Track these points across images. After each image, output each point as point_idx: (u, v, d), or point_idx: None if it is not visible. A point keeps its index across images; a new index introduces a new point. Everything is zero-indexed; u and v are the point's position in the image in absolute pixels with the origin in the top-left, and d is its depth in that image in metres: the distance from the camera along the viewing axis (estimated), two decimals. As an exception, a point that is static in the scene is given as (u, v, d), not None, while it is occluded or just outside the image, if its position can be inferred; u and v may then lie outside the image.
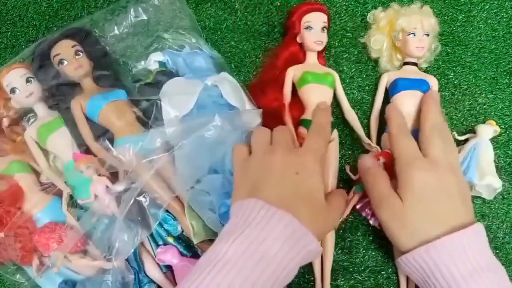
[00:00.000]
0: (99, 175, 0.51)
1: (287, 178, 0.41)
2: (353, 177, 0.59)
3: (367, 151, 0.60)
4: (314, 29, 0.61)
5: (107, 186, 0.50)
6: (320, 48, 0.62)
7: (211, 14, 0.66)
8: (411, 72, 0.62)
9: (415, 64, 0.63)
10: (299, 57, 0.63)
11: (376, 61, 0.66)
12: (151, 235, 0.55)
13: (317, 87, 0.60)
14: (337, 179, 0.59)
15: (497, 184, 0.59)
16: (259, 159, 0.44)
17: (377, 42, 0.64)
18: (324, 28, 0.62)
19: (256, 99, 0.61)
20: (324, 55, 0.66)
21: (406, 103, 0.60)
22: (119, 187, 0.50)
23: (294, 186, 0.41)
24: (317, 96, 0.60)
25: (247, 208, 0.38)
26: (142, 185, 0.50)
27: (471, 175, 0.58)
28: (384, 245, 0.59)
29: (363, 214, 0.57)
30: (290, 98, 0.61)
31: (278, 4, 0.67)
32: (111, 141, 0.54)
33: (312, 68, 0.62)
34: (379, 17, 0.65)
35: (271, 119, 0.58)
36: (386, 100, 0.63)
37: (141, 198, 0.51)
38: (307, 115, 0.60)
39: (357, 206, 0.57)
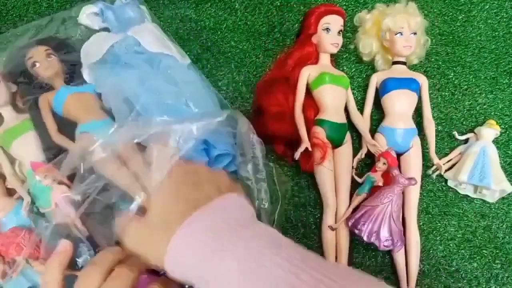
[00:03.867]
0: (60, 183, 0.49)
1: None
2: (359, 180, 0.60)
3: (370, 153, 0.61)
4: (331, 31, 0.61)
5: (66, 195, 0.47)
6: (336, 50, 0.62)
7: (211, 14, 0.66)
8: (400, 72, 0.63)
9: (404, 63, 0.63)
10: (311, 58, 0.63)
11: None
12: None
13: (333, 88, 0.60)
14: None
15: (510, 188, 0.59)
16: None
17: (366, 47, 0.64)
18: (340, 32, 0.62)
19: (263, 98, 0.61)
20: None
21: (397, 102, 0.60)
22: (77, 196, 0.45)
23: None
24: (332, 97, 0.60)
25: None
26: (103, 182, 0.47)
27: (488, 181, 0.58)
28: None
29: (356, 231, 0.56)
30: (303, 97, 0.61)
31: (278, 4, 0.67)
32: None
33: (328, 69, 0.62)
34: (365, 18, 0.65)
35: (280, 121, 0.59)
36: (378, 100, 0.63)
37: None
38: (322, 115, 0.60)
39: (349, 224, 0.57)
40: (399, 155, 0.60)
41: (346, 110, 0.63)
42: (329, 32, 0.61)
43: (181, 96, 0.54)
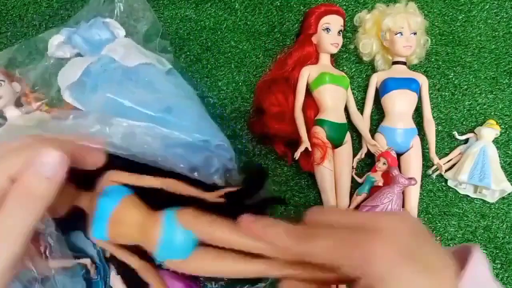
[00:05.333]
0: None
1: None
2: (359, 180, 0.60)
3: (370, 153, 0.61)
4: (331, 31, 0.61)
5: None
6: (336, 50, 0.62)
7: (211, 14, 0.66)
8: (400, 72, 0.62)
9: (404, 63, 0.63)
10: (311, 58, 0.63)
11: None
12: None
13: (333, 88, 0.60)
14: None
15: (510, 188, 0.59)
16: None
17: (366, 46, 0.64)
18: (340, 32, 0.62)
19: (263, 98, 0.61)
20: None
21: (397, 102, 0.61)
22: None
23: None
24: (332, 97, 0.60)
25: None
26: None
27: (488, 181, 0.59)
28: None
29: None
30: (303, 97, 0.61)
31: (278, 4, 0.67)
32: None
33: (328, 69, 0.62)
34: (365, 18, 0.65)
35: (279, 121, 0.59)
36: (378, 99, 0.63)
37: None
38: (322, 115, 0.60)
39: None
40: (399, 155, 0.60)
41: (346, 110, 0.63)
42: (329, 32, 0.61)
43: (163, 103, 0.53)
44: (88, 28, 0.58)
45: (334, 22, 0.61)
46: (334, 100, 0.60)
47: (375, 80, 0.63)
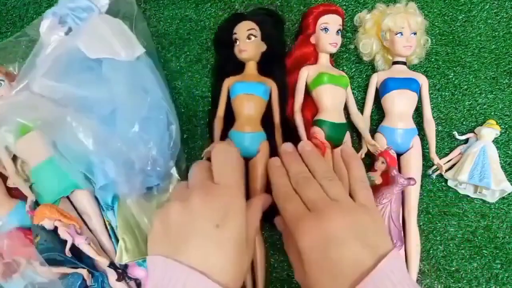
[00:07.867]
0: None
1: (207, 236, 0.36)
2: None
3: (371, 153, 0.61)
4: (330, 30, 0.61)
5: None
6: (335, 50, 0.62)
7: (211, 14, 0.66)
8: (400, 72, 0.62)
9: (404, 63, 0.63)
10: (310, 58, 0.63)
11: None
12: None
13: (332, 88, 0.60)
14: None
15: (510, 188, 0.59)
16: (178, 209, 0.38)
17: (366, 46, 0.64)
18: (339, 31, 0.62)
19: None
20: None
21: (397, 102, 0.60)
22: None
23: (217, 243, 0.36)
24: (331, 97, 0.60)
25: (167, 273, 0.34)
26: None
27: (488, 180, 0.59)
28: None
29: None
30: (303, 97, 0.61)
31: (278, 4, 0.67)
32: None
33: (327, 69, 0.61)
34: (365, 18, 0.65)
35: None
36: (378, 99, 0.63)
37: None
38: (321, 116, 0.60)
39: None
40: (399, 155, 0.60)
41: (345, 109, 0.63)
42: (327, 32, 0.61)
43: (109, 105, 0.52)
44: (77, 5, 0.56)
45: (332, 21, 0.61)
46: (333, 100, 0.60)
47: (375, 80, 0.63)
